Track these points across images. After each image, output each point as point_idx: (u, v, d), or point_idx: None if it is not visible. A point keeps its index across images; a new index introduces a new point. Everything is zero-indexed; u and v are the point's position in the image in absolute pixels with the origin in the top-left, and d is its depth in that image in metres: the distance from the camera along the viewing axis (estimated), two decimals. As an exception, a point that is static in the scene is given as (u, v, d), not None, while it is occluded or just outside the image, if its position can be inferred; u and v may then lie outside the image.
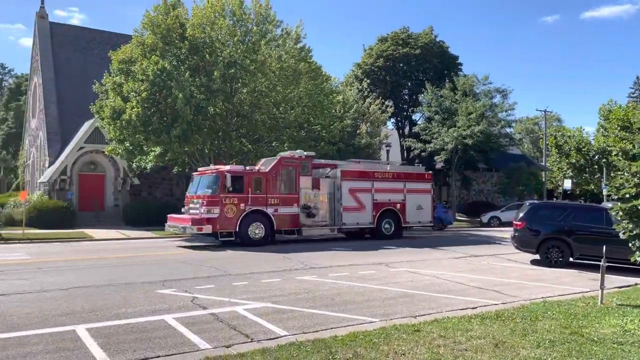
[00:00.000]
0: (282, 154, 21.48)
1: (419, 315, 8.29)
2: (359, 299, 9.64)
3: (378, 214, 22.00)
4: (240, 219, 18.76)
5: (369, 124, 32.84)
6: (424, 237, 24.74)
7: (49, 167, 30.61)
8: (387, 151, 34.91)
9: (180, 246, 19.34)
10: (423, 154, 39.21)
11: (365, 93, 37.23)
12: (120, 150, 24.58)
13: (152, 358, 6.17)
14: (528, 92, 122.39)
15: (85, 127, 29.53)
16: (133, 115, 21.93)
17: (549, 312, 8.40)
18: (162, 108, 22.30)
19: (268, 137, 26.35)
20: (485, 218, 34.92)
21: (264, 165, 20.47)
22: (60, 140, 31.85)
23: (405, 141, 41.23)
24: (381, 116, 34.22)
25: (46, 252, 17.00)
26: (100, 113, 24.15)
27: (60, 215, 26.14)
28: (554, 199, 49.44)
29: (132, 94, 22.50)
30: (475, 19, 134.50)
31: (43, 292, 9.87)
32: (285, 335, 7.08)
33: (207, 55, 23.82)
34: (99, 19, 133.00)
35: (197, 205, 19.02)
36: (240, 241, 18.83)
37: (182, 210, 20.50)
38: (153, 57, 22.56)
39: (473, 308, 8.89)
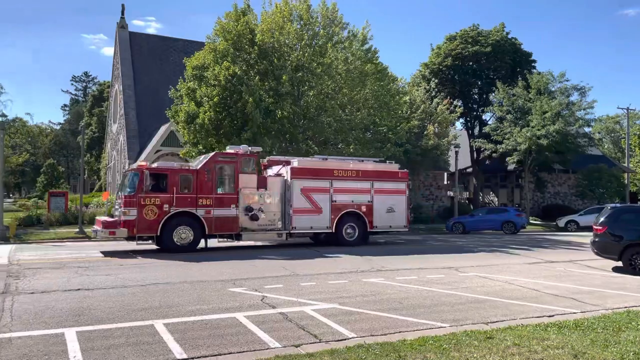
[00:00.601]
0: (229, 148, 19.38)
1: (491, 322, 8.04)
2: (427, 303, 9.48)
3: (338, 218, 19.55)
4: (163, 221, 16.70)
5: (436, 124, 32.25)
6: (493, 240, 23.93)
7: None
8: (456, 152, 34.09)
9: (250, 246, 19.83)
10: (494, 154, 37.95)
11: (433, 93, 36.56)
12: (194, 153, 25.59)
13: (225, 354, 6.38)
14: (609, 89, 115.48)
15: (162, 131, 31.01)
16: (206, 119, 22.81)
17: (633, 323, 7.89)
18: (232, 112, 23.03)
19: (334, 139, 26.51)
20: (561, 222, 33.27)
21: (199, 162, 18.39)
22: (139, 143, 33.64)
23: (475, 142, 40.08)
24: (449, 116, 33.50)
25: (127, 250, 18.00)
26: (176, 117, 25.29)
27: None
28: (639, 202, 46.21)
29: (204, 98, 23.40)
30: (550, 14, 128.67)
31: (124, 288, 10.47)
32: (353, 337, 7.09)
33: (275, 60, 24.35)
34: (174, 27, 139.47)
35: (117, 207, 17.50)
36: (163, 247, 17.01)
37: (112, 211, 19.08)
38: (224, 62, 23.35)
39: (549, 316, 8.50)
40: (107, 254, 16.59)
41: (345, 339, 7.00)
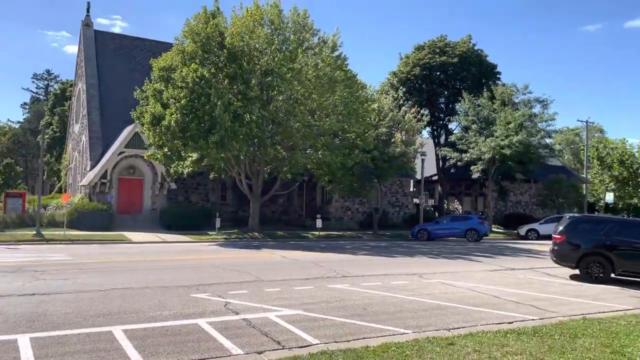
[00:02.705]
0: None
1: (452, 329, 8.14)
2: (391, 309, 9.54)
3: None
4: None
5: (404, 132, 32.58)
6: (457, 248, 24.32)
7: (90, 170, 31.58)
8: (422, 160, 34.56)
9: (215, 250, 19.59)
10: (459, 163, 38.64)
11: (401, 101, 36.93)
12: (158, 156, 25.17)
13: (185, 361, 6.25)
14: (569, 102, 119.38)
15: (126, 133, 30.35)
16: (172, 121, 22.45)
17: (589, 330, 8.12)
18: (200, 115, 22.75)
19: (303, 144, 26.50)
20: (522, 230, 34.09)
21: None
22: (102, 144, 32.83)
23: (441, 150, 40.72)
24: (416, 125, 33.91)
25: (86, 254, 17.50)
26: (141, 119, 24.81)
27: (100, 217, 26.90)
28: (596, 212, 47.81)
29: (171, 100, 23.04)
30: (515, 27, 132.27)
31: (82, 293, 10.15)
32: (316, 344, 7.06)
33: (244, 64, 24.22)
34: (140, 27, 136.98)
35: None
36: None
37: None
38: (192, 64, 23.06)
39: (509, 323, 8.67)
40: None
41: (308, 346, 6.96)
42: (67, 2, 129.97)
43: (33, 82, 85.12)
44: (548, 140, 40.70)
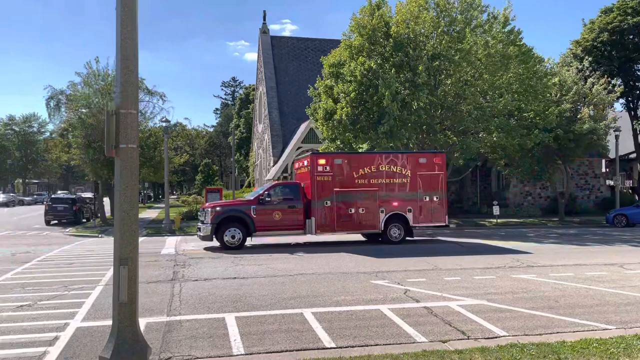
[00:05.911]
0: None
1: (667, 327, 7.10)
2: (587, 302, 8.68)
3: None
4: None
5: (591, 106, 29.18)
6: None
7: (273, 166, 34.38)
8: (616, 136, 30.60)
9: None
10: (664, 137, 33.38)
11: (587, 73, 33.14)
12: (332, 148, 26.33)
13: (372, 345, 6.47)
14: None
15: (302, 129, 32.37)
16: (343, 114, 23.31)
17: None
18: (369, 106, 23.22)
19: (475, 128, 25.37)
20: None
21: None
22: (282, 141, 35.48)
23: (639, 124, 35.62)
24: (607, 97, 30.10)
25: (272, 241, 19.10)
26: (314, 115, 26.21)
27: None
28: None
29: (341, 95, 23.90)
30: None
31: (274, 277, 11.14)
32: (504, 336, 6.75)
33: (410, 51, 24.00)
34: (309, 27, 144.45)
35: None
36: None
37: None
38: (360, 57, 23.59)
39: None
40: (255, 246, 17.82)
41: (496, 337, 6.69)
42: (240, 13, 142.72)
43: (222, 89, 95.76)
44: None
